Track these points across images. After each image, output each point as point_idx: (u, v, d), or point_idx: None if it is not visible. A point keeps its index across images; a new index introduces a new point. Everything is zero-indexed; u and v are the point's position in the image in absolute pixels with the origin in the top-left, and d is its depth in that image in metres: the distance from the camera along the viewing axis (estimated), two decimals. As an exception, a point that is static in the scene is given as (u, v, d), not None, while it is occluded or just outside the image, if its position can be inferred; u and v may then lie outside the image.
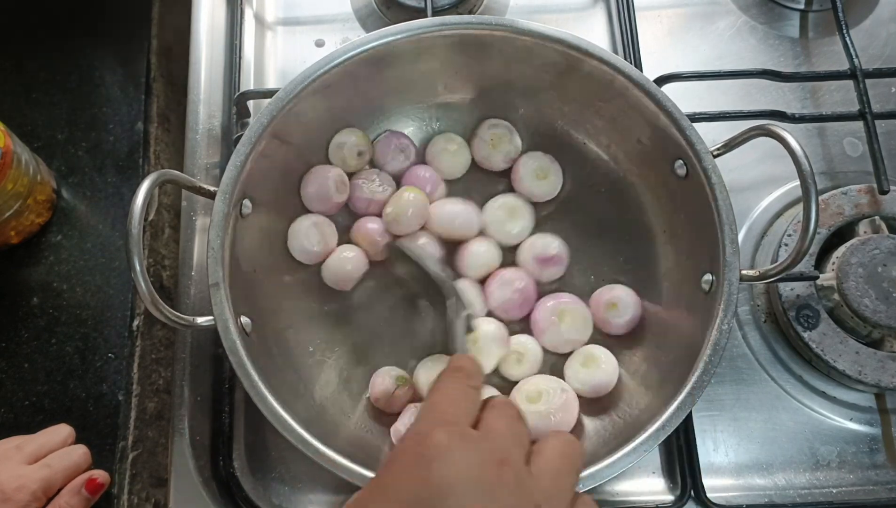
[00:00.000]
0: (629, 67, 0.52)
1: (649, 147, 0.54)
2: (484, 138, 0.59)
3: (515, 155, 0.59)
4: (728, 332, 0.46)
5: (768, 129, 0.47)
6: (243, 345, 0.46)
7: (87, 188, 0.60)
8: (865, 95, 0.60)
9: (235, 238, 0.50)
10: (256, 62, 0.66)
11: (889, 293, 0.53)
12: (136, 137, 0.62)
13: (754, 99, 0.63)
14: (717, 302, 0.47)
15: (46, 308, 0.56)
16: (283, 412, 0.45)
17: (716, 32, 0.67)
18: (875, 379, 0.53)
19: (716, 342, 0.46)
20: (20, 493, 0.45)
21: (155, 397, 0.57)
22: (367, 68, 0.54)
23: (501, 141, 0.59)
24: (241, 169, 0.50)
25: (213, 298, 0.47)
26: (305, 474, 0.53)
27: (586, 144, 0.59)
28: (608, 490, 0.53)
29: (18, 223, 0.56)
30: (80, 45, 0.65)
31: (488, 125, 0.59)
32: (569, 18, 0.68)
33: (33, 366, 0.55)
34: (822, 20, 0.67)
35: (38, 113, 0.62)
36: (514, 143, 0.59)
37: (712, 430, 0.55)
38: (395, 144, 0.59)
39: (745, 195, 0.61)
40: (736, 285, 0.47)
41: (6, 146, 0.52)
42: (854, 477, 0.53)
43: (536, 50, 0.54)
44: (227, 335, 0.46)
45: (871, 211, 0.57)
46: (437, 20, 0.54)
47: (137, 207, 0.44)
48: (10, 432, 0.50)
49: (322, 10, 0.69)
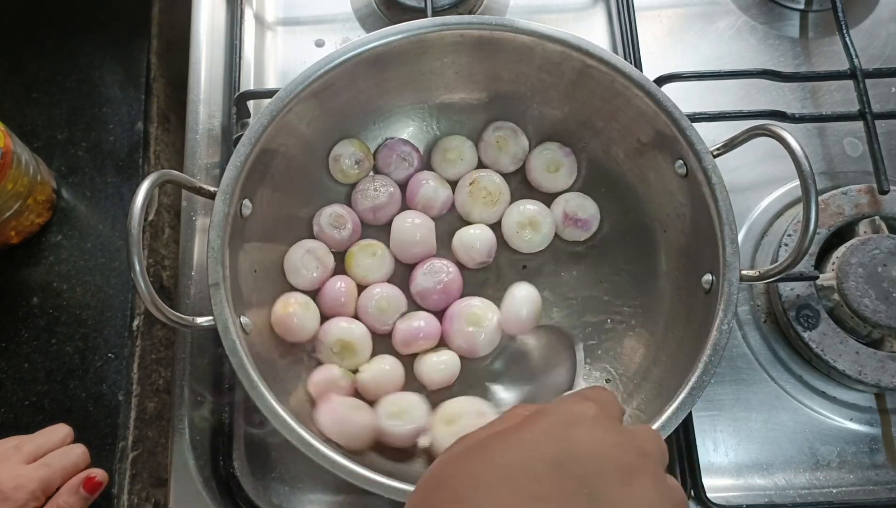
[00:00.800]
0: (629, 68, 0.52)
1: (649, 147, 0.54)
2: (490, 142, 0.59)
3: (523, 156, 0.59)
4: (728, 332, 0.46)
5: (768, 128, 0.47)
6: (243, 345, 0.46)
7: (87, 188, 0.60)
8: (865, 95, 0.60)
9: (235, 238, 0.50)
10: (256, 62, 0.66)
11: (889, 293, 0.53)
12: (136, 137, 0.62)
13: (754, 99, 0.63)
14: (717, 302, 0.47)
15: (46, 308, 0.56)
16: (283, 411, 0.45)
17: (716, 32, 0.67)
18: (875, 379, 0.53)
19: (716, 342, 0.46)
20: (18, 492, 0.46)
21: (155, 397, 0.57)
22: (368, 69, 0.54)
23: (507, 143, 0.59)
24: (241, 169, 0.50)
25: (213, 298, 0.47)
26: (305, 474, 0.53)
27: (587, 144, 0.59)
28: (608, 490, 0.53)
29: (18, 223, 0.56)
30: (80, 45, 0.65)
31: (493, 128, 0.59)
32: (569, 18, 0.68)
33: (33, 366, 0.55)
34: (822, 20, 0.67)
35: (38, 113, 0.62)
36: (521, 143, 0.59)
37: (712, 430, 0.55)
38: (397, 154, 0.59)
39: (746, 195, 0.61)
40: (736, 286, 0.47)
41: (6, 146, 0.52)
42: (854, 477, 0.53)
43: (537, 50, 0.54)
44: (227, 335, 0.46)
45: (871, 211, 0.57)
46: (438, 20, 0.54)
47: (137, 207, 0.44)
48: (10, 432, 0.50)
49: (322, 10, 0.69)
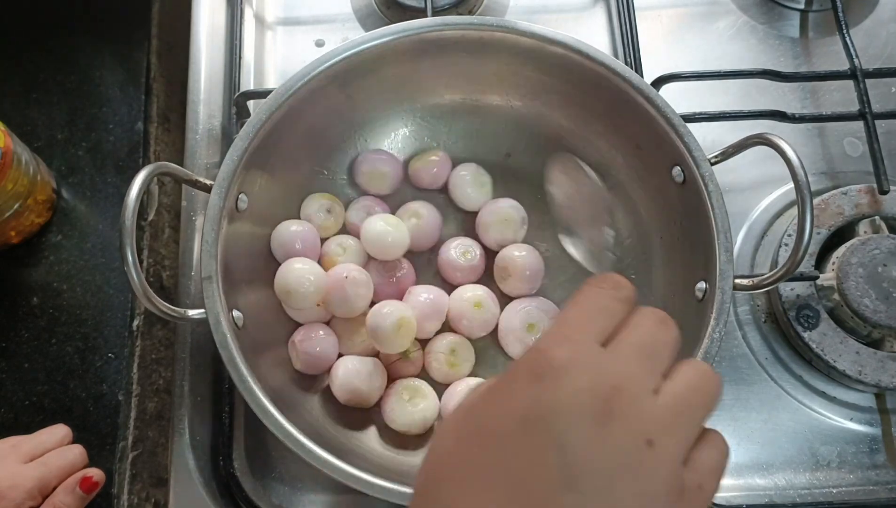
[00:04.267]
0: (629, 72, 0.52)
1: (647, 153, 0.54)
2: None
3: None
4: (720, 340, 0.45)
5: (765, 138, 0.47)
6: (234, 339, 0.46)
7: (87, 188, 0.60)
8: (865, 95, 0.60)
9: (230, 232, 0.50)
10: (256, 62, 0.66)
11: (889, 293, 0.53)
12: (136, 137, 0.62)
13: (754, 99, 0.63)
14: (710, 310, 0.46)
15: (46, 308, 0.56)
16: (273, 407, 0.44)
17: (716, 32, 0.67)
18: (875, 379, 0.53)
19: (706, 350, 0.45)
20: (15, 491, 0.46)
21: (155, 397, 0.57)
22: (366, 68, 0.54)
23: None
24: (237, 163, 0.50)
25: (206, 291, 0.47)
26: (305, 474, 0.53)
27: (585, 148, 0.58)
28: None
29: (18, 223, 0.56)
30: (80, 45, 0.65)
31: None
32: (569, 18, 0.68)
33: (33, 366, 0.55)
34: (822, 20, 0.67)
35: (38, 113, 0.62)
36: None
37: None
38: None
39: (746, 195, 0.61)
40: (729, 294, 0.46)
41: (6, 146, 0.52)
42: (854, 477, 0.53)
43: (536, 52, 0.54)
44: (218, 328, 0.46)
45: (871, 211, 0.57)
46: (438, 20, 0.54)
47: (132, 198, 0.44)
48: (10, 432, 0.50)
49: (322, 10, 0.69)
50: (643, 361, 0.28)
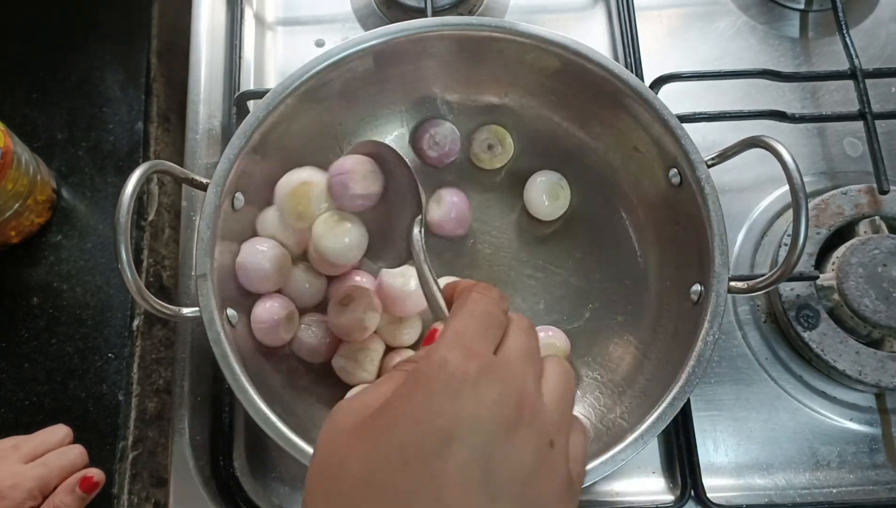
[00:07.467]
0: (627, 74, 0.52)
1: (645, 155, 0.54)
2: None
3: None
4: (713, 343, 0.45)
5: (761, 140, 0.47)
6: (228, 337, 0.46)
7: (87, 188, 0.60)
8: (865, 95, 0.60)
9: (226, 231, 0.50)
10: (256, 62, 0.66)
11: (889, 293, 0.53)
12: (136, 137, 0.62)
13: (754, 99, 0.63)
14: (704, 313, 0.46)
15: (46, 308, 0.57)
16: (265, 406, 0.44)
17: (716, 32, 0.67)
18: (875, 379, 0.53)
19: (700, 353, 0.45)
20: (15, 491, 0.46)
21: (155, 397, 0.57)
22: (365, 67, 0.54)
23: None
24: (233, 162, 0.49)
25: (200, 289, 0.46)
26: (305, 474, 0.53)
27: (584, 150, 0.58)
28: (608, 489, 0.53)
29: (18, 223, 0.56)
30: (80, 45, 0.65)
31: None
32: (569, 19, 0.68)
33: (33, 366, 0.55)
34: (822, 20, 0.67)
35: (38, 113, 0.62)
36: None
37: (712, 430, 0.55)
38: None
39: (746, 195, 0.61)
40: (724, 297, 0.46)
41: (6, 146, 0.52)
42: (854, 477, 0.53)
43: (536, 53, 0.54)
44: (211, 325, 0.46)
45: (871, 211, 0.57)
46: (438, 20, 0.54)
47: (127, 195, 0.44)
48: (10, 432, 0.50)
49: (322, 10, 0.69)
50: (529, 366, 0.30)
